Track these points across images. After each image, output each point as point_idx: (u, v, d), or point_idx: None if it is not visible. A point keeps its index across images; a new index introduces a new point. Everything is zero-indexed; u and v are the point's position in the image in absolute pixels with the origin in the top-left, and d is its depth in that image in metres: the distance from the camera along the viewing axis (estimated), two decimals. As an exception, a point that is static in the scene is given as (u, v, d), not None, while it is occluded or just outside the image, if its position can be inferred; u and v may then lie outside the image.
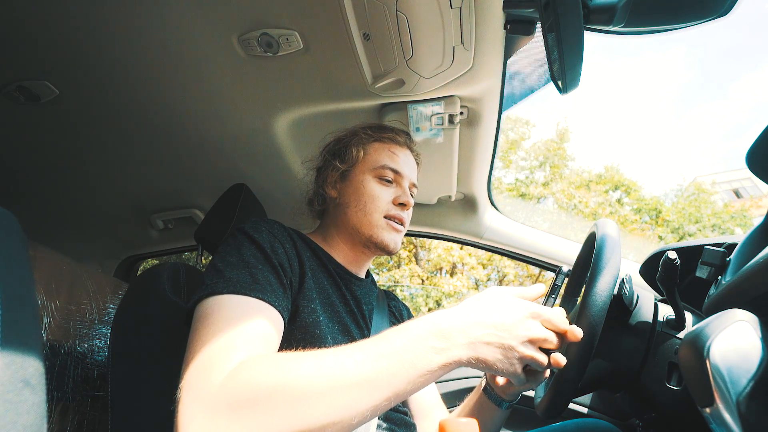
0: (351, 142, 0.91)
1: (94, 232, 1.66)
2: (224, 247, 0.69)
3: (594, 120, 56.18)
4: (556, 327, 0.55)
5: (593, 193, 11.34)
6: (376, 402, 0.47)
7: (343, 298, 0.80)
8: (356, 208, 0.85)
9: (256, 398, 0.45)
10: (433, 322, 0.52)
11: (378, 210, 0.84)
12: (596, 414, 1.22)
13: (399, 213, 0.86)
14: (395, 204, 0.86)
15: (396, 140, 0.92)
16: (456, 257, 9.34)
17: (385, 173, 0.87)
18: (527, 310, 0.54)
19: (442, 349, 0.49)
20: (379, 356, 0.48)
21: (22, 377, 0.37)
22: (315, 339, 0.67)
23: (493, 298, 0.55)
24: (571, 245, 1.44)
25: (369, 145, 0.91)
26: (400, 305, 1.01)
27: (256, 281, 0.61)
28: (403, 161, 0.90)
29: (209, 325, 0.55)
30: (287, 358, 0.49)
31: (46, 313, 0.86)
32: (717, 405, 0.40)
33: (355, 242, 0.86)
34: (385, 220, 0.85)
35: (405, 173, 0.89)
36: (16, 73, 0.94)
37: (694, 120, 56.65)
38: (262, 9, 0.82)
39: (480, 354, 0.50)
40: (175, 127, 1.16)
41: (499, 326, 0.52)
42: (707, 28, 0.80)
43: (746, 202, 14.17)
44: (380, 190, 0.86)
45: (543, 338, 0.53)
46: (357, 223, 0.84)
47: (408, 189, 0.90)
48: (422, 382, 0.49)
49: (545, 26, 0.61)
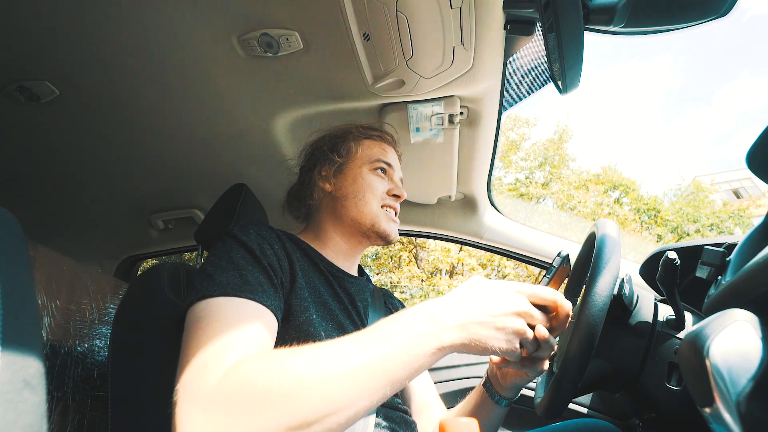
0: (349, 138, 0.95)
1: (94, 232, 1.66)
2: (214, 251, 0.70)
3: (589, 122, 56.60)
4: (543, 299, 0.55)
5: (592, 193, 11.34)
6: (372, 390, 0.47)
7: (336, 296, 0.81)
8: (355, 199, 0.88)
9: (252, 395, 0.45)
10: (423, 309, 0.53)
11: (376, 199, 0.89)
12: (596, 414, 1.22)
13: (394, 203, 0.91)
14: (389, 195, 0.91)
15: (385, 138, 0.99)
16: (455, 258, 9.34)
17: (381, 166, 0.93)
18: (512, 287, 0.55)
19: (434, 333, 0.50)
20: (373, 344, 0.49)
21: (23, 377, 0.37)
22: (309, 336, 0.67)
23: (479, 283, 0.56)
24: (571, 245, 1.44)
25: (362, 141, 0.96)
26: (396, 302, 1.02)
27: (247, 282, 0.62)
28: (392, 157, 0.97)
29: (202, 328, 0.55)
30: (281, 354, 0.50)
31: (46, 313, 0.86)
32: (717, 405, 0.40)
33: (353, 232, 0.88)
34: (383, 210, 0.89)
35: (395, 166, 0.96)
36: (16, 73, 0.94)
37: (681, 126, 57.49)
38: (262, 9, 0.82)
39: (473, 335, 0.51)
40: (175, 127, 1.16)
41: (488, 305, 0.53)
42: (693, 36, 0.81)
43: (744, 202, 14.18)
44: (378, 182, 0.91)
45: (528, 311, 0.54)
46: (357, 213, 0.87)
47: (399, 182, 0.96)
48: (417, 367, 0.49)
49: (545, 26, 0.61)
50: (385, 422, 0.71)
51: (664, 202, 12.02)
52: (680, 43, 60.89)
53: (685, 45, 62.06)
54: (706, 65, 59.57)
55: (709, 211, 11.29)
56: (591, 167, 13.13)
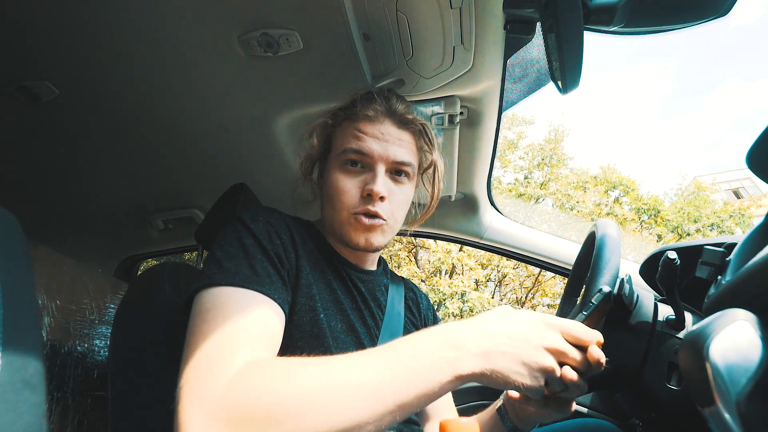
0: (324, 125, 0.80)
1: (94, 232, 1.66)
2: (223, 236, 0.67)
3: (584, 124, 56.73)
4: (576, 339, 0.50)
5: (592, 193, 11.34)
6: (380, 414, 0.45)
7: (350, 293, 0.77)
8: (329, 204, 0.76)
9: (257, 409, 0.44)
10: (443, 331, 0.49)
11: (344, 206, 0.73)
12: (596, 414, 1.22)
13: (367, 207, 0.72)
14: (363, 196, 0.72)
15: (365, 115, 0.75)
16: (454, 258, 9.33)
17: (350, 157, 0.73)
18: (544, 319, 0.51)
19: (452, 359, 0.46)
20: (385, 365, 0.46)
21: (22, 377, 0.37)
22: (314, 337, 0.66)
23: (507, 311, 0.53)
24: (571, 245, 1.44)
25: (337, 127, 0.79)
26: (419, 296, 0.94)
27: (255, 273, 0.60)
28: (372, 138, 0.73)
29: (209, 319, 0.54)
30: (290, 367, 0.48)
31: (46, 313, 0.86)
32: (717, 405, 0.40)
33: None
34: (354, 217, 0.72)
35: (375, 152, 0.73)
36: (16, 73, 0.94)
37: (671, 130, 57.78)
38: (262, 9, 0.82)
39: (495, 365, 0.47)
40: (175, 127, 1.16)
41: (515, 335, 0.48)
42: (683, 41, 0.80)
43: (745, 202, 14.19)
44: (345, 182, 0.73)
45: (561, 350, 0.49)
46: (331, 221, 0.76)
47: (383, 172, 0.73)
48: (430, 394, 0.46)
49: (545, 26, 0.62)
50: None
51: (665, 202, 12.02)
52: (671, 49, 61.21)
53: (676, 50, 62.38)
54: (696, 71, 59.88)
55: (710, 211, 11.28)
56: (589, 167, 13.12)
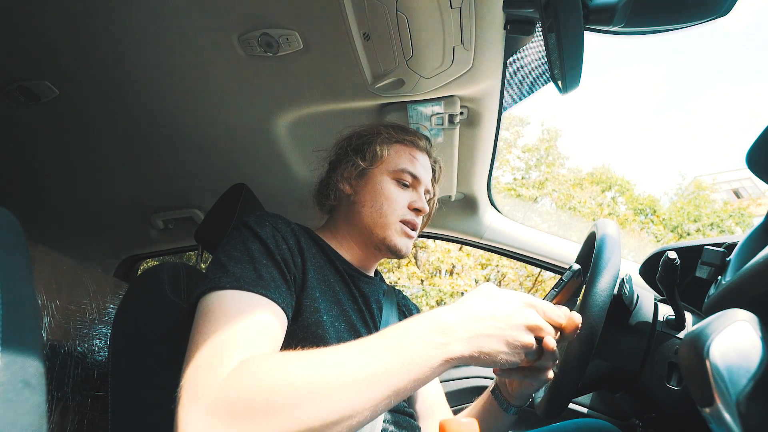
0: (375, 141, 0.89)
1: (94, 232, 1.66)
2: (228, 240, 0.68)
3: (579, 126, 56.78)
4: (551, 320, 0.55)
5: (588, 192, 11.34)
6: (376, 400, 0.46)
7: (352, 295, 0.79)
8: (372, 208, 0.84)
9: (254, 402, 0.45)
10: (432, 317, 0.52)
11: (394, 213, 0.83)
12: (596, 414, 1.22)
13: (413, 218, 0.85)
14: (410, 209, 0.85)
15: (417, 144, 0.91)
16: (454, 258, 9.34)
17: (404, 177, 0.86)
18: (523, 299, 0.54)
19: (442, 344, 0.49)
20: (378, 353, 0.48)
21: (22, 377, 0.37)
22: (318, 339, 0.67)
23: (489, 292, 0.55)
24: (571, 245, 1.45)
25: (391, 145, 0.89)
26: (410, 304, 1.00)
27: (260, 277, 0.61)
28: (421, 166, 0.89)
29: (211, 321, 0.55)
30: (286, 359, 0.49)
31: (46, 313, 0.86)
32: (717, 405, 0.40)
33: (366, 243, 0.85)
34: (400, 224, 0.84)
35: (422, 178, 0.89)
36: (16, 73, 0.94)
37: (663, 132, 57.91)
38: (262, 9, 0.82)
39: (482, 347, 0.50)
40: (175, 127, 1.16)
41: (499, 318, 0.52)
42: (676, 45, 0.80)
43: (745, 202, 14.19)
44: (398, 194, 0.85)
45: (539, 326, 0.53)
46: (371, 223, 0.83)
47: (423, 194, 0.90)
48: (423, 378, 0.48)
49: (545, 26, 0.62)
50: (392, 427, 0.70)
51: (665, 202, 12.03)
52: (663, 54, 61.25)
53: (668, 53, 62.36)
54: (688, 74, 59.88)
55: (709, 210, 11.29)
56: (583, 167, 13.15)
